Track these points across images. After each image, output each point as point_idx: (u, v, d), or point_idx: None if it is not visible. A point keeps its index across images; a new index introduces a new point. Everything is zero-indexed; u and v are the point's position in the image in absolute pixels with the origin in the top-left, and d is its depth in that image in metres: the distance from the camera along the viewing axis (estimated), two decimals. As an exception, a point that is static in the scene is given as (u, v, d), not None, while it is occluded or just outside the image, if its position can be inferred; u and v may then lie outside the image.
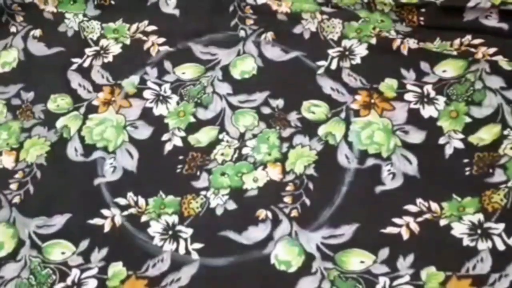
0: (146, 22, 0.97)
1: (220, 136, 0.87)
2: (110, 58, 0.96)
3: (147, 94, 0.93)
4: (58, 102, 0.94)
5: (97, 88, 0.94)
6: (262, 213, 0.81)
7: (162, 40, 0.96)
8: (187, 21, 0.97)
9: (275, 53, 0.92)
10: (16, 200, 0.88)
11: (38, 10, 1.02)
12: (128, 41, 0.97)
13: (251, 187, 0.84)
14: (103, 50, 0.97)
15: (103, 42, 0.98)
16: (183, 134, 0.88)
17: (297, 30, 0.92)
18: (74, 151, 0.90)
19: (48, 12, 1.01)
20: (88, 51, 0.97)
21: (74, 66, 0.96)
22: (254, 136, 0.87)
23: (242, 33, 0.94)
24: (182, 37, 0.96)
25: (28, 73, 0.98)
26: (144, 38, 0.96)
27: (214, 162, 0.86)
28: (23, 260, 0.84)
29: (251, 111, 0.88)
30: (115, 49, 0.97)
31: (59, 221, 0.85)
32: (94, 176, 0.88)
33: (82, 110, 0.93)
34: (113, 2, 1.00)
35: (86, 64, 0.96)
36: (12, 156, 0.91)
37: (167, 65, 0.94)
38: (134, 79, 0.94)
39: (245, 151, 0.86)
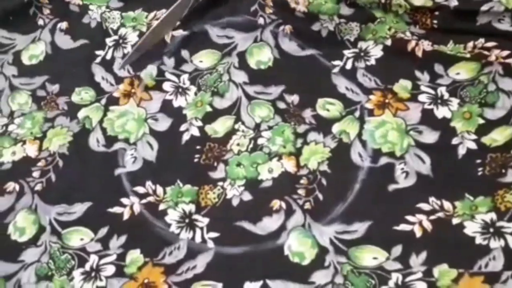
0: (164, 10, 0.92)
1: (236, 126, 0.83)
2: (129, 48, 0.92)
3: (166, 86, 0.88)
4: (82, 95, 0.90)
5: (119, 80, 0.91)
6: (276, 203, 0.77)
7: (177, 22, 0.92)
8: (207, 6, 0.92)
9: (291, 47, 0.87)
10: (38, 187, 0.84)
11: (64, 3, 0.98)
12: (144, 29, 0.93)
13: (266, 177, 0.80)
14: (121, 40, 0.93)
15: (122, 30, 0.94)
16: (200, 124, 0.85)
17: (315, 27, 0.87)
18: (96, 142, 0.86)
19: (74, 5, 0.98)
20: (108, 41, 0.93)
21: (98, 59, 0.92)
22: (270, 128, 0.83)
23: (261, 20, 0.89)
24: (199, 19, 0.91)
25: (54, 66, 0.94)
26: None
27: (231, 152, 0.82)
28: (43, 246, 0.80)
29: (267, 103, 0.84)
30: (132, 37, 0.93)
31: (79, 209, 0.82)
32: (115, 166, 0.84)
33: (103, 101, 0.89)
34: None
35: (108, 57, 0.92)
36: (35, 145, 0.88)
37: (185, 53, 0.90)
38: (152, 69, 0.90)
39: (260, 141, 0.82)
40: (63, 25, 0.96)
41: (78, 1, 0.97)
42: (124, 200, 0.81)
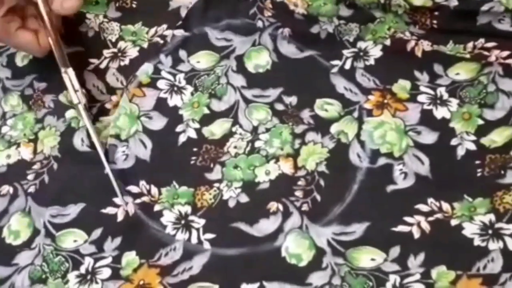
0: (164, 26, 0.93)
1: (233, 129, 0.84)
2: (126, 62, 0.92)
3: (161, 84, 0.88)
4: (70, 98, 0.88)
5: (111, 90, 0.90)
6: (273, 205, 0.78)
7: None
8: (207, 8, 0.92)
9: (290, 50, 0.87)
10: (32, 189, 0.84)
11: None
12: (145, 45, 0.92)
13: (263, 180, 0.80)
14: (120, 53, 0.92)
15: (121, 44, 0.93)
16: (197, 125, 0.85)
17: (314, 29, 0.88)
18: (80, 141, 0.86)
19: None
20: (106, 52, 0.93)
21: (90, 67, 0.92)
22: (267, 130, 0.83)
23: (259, 24, 0.89)
24: (199, 21, 0.91)
25: (43, 67, 0.93)
26: (161, 41, 0.92)
27: (227, 154, 0.82)
28: (37, 248, 0.80)
29: (264, 106, 0.84)
30: (133, 52, 0.92)
31: (73, 210, 0.82)
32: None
33: (94, 110, 0.89)
34: (134, 6, 0.95)
35: (102, 66, 0.92)
36: (30, 147, 0.88)
37: (182, 53, 0.90)
38: (148, 67, 0.89)
39: (257, 144, 0.82)
40: None
41: None
42: (116, 200, 0.81)
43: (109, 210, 0.81)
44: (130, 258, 0.78)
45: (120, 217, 0.80)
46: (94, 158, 0.84)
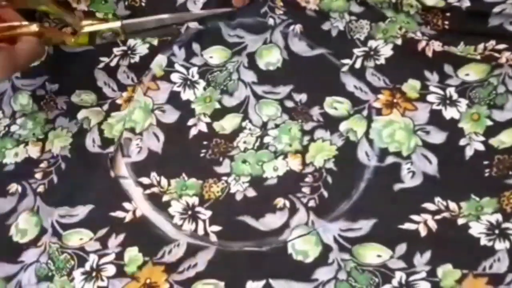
0: (173, 25, 0.94)
1: (243, 124, 0.86)
2: (136, 59, 0.93)
3: (174, 77, 0.90)
4: (82, 96, 0.91)
5: (122, 87, 0.92)
6: (280, 201, 0.79)
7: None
8: (219, 3, 0.94)
9: (301, 48, 0.89)
10: (41, 189, 0.86)
11: (71, 8, 0.98)
12: (155, 42, 0.94)
13: (271, 175, 0.82)
14: (130, 50, 0.94)
15: (131, 41, 0.95)
16: (208, 120, 0.87)
17: (325, 26, 0.89)
18: (92, 142, 0.88)
19: (79, 11, 0.98)
20: (116, 50, 0.94)
21: (101, 65, 0.93)
22: (277, 126, 0.85)
23: (271, 21, 0.91)
24: (214, 16, 0.93)
25: (55, 67, 0.95)
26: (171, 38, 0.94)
27: (237, 149, 0.84)
28: (43, 246, 0.82)
29: (274, 102, 0.86)
30: (142, 49, 0.94)
31: (81, 211, 0.83)
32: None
33: (105, 107, 0.90)
34: (143, 4, 0.97)
35: (113, 64, 0.93)
36: (37, 146, 0.89)
37: (196, 47, 0.92)
38: (162, 59, 0.91)
39: (266, 140, 0.84)
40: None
41: (84, 8, 0.98)
42: (126, 205, 0.83)
43: (118, 213, 0.82)
44: (133, 254, 0.79)
45: (127, 219, 0.82)
46: (105, 160, 0.86)
